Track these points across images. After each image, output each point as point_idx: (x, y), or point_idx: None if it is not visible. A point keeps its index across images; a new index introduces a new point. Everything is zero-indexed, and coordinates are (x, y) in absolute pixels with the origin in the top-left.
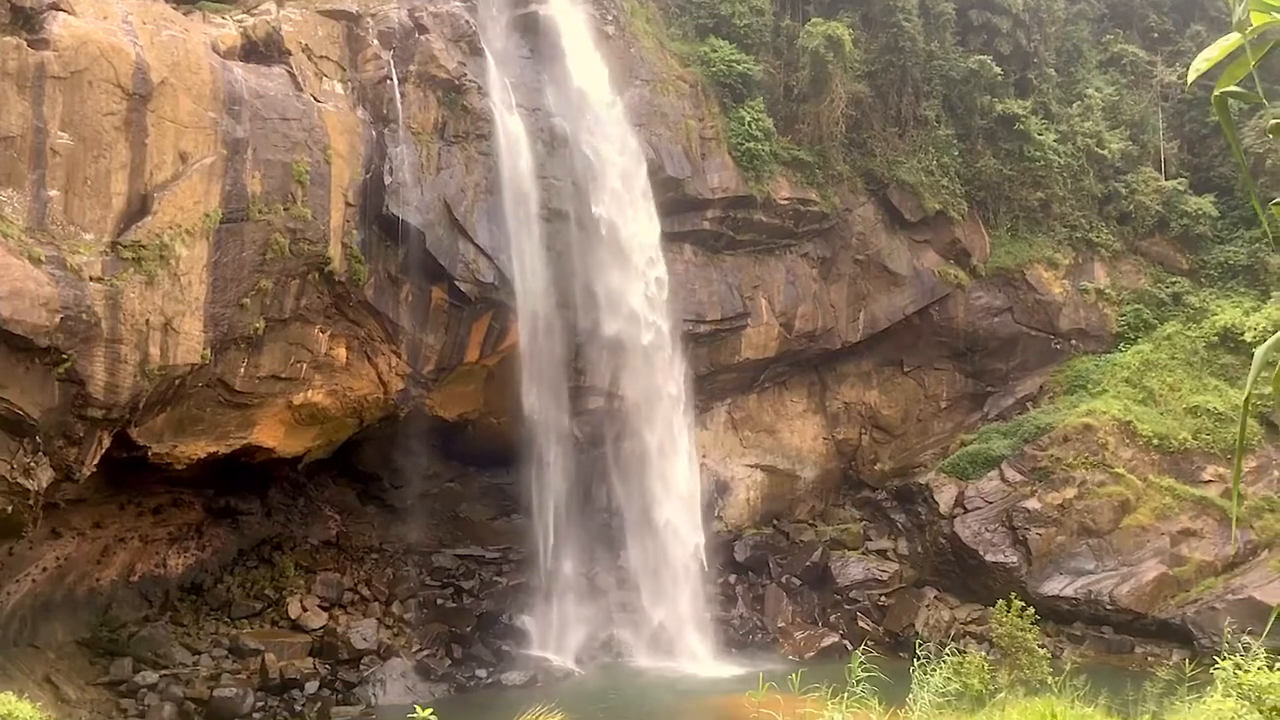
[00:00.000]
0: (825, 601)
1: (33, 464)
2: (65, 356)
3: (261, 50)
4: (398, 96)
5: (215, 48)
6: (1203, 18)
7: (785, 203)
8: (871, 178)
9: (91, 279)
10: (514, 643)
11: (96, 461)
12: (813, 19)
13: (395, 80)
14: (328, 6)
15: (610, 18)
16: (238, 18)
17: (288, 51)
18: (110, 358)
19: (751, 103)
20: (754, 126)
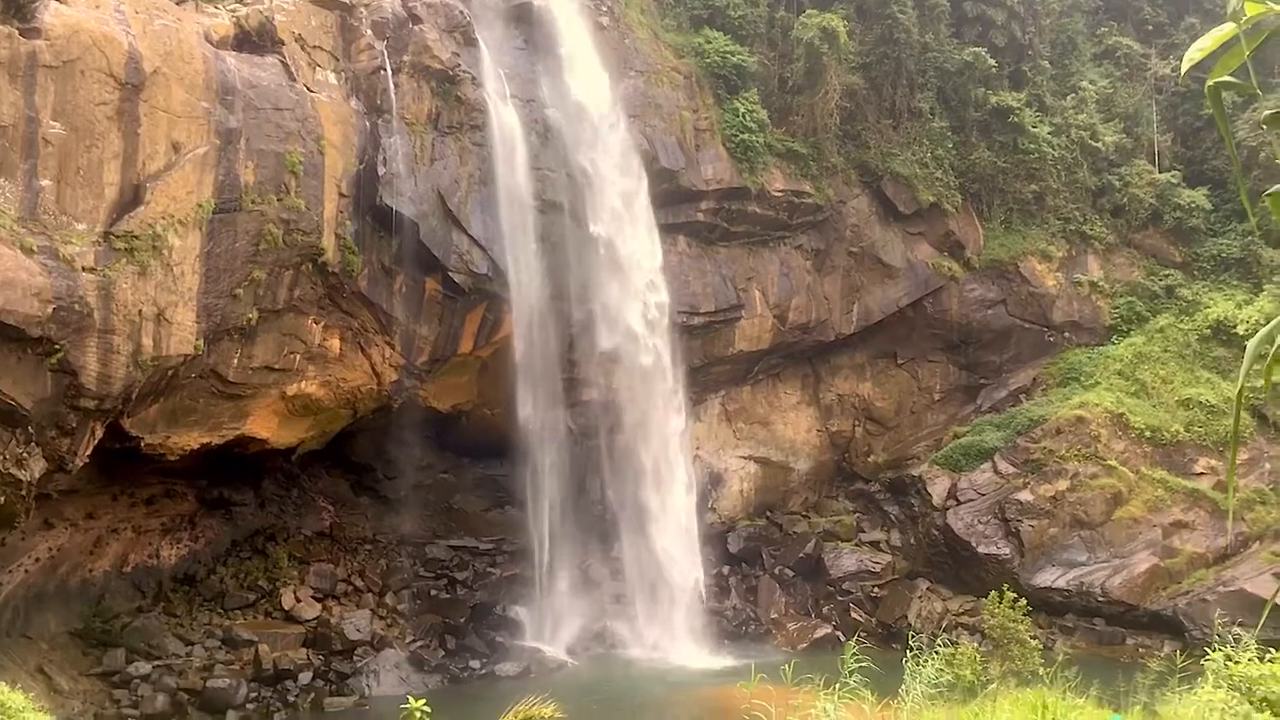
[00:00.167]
0: (818, 593)
1: (25, 454)
2: (58, 347)
3: (254, 40)
4: (391, 87)
5: (208, 37)
6: (1197, 10)
7: (779, 194)
8: (866, 170)
9: (84, 269)
10: (507, 634)
11: (89, 452)
12: (807, 10)
13: (389, 71)
14: None
15: (605, 8)
16: (230, 7)
17: (281, 41)
18: (103, 348)
19: (746, 94)
20: (748, 118)
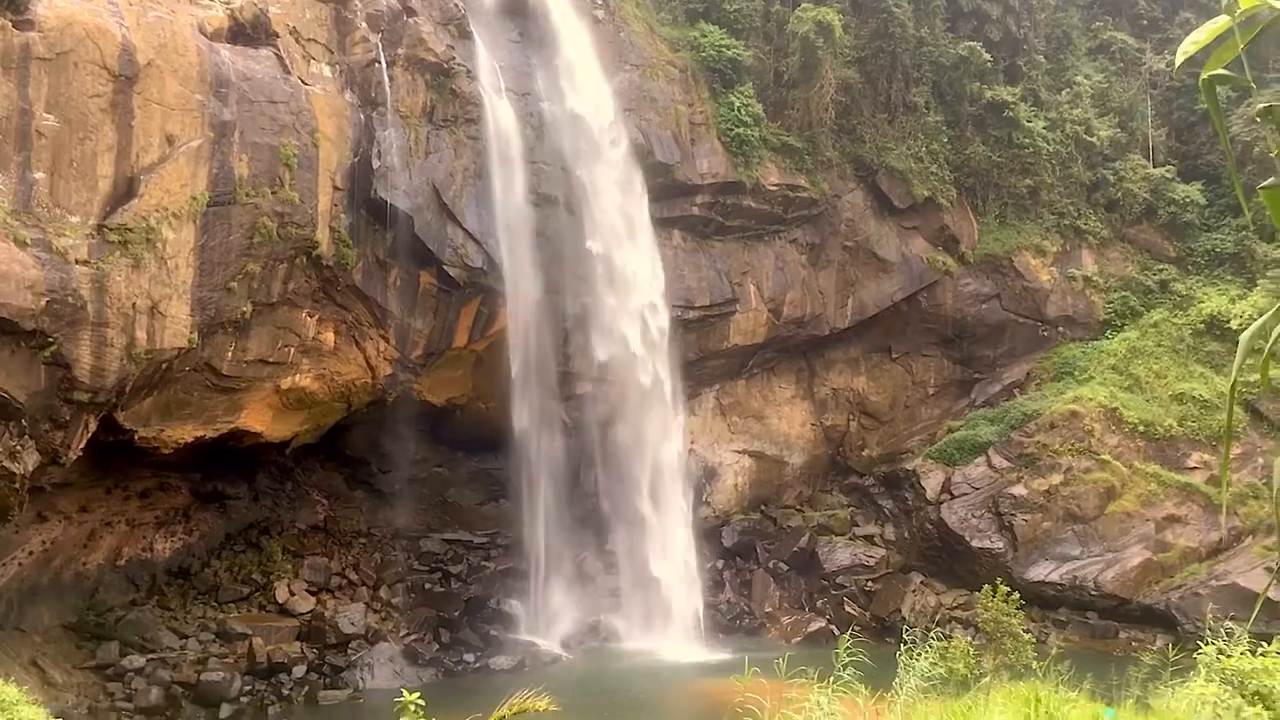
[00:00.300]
0: (812, 587)
1: (19, 448)
2: (51, 340)
3: (249, 32)
4: (386, 80)
5: (202, 29)
6: (1192, 5)
7: (774, 189)
8: (861, 164)
9: (77, 262)
10: (501, 627)
11: (83, 445)
12: (802, 4)
13: (383, 63)
14: None
15: (600, 1)
16: None
17: (275, 34)
18: (96, 341)
19: (741, 88)
20: (743, 112)
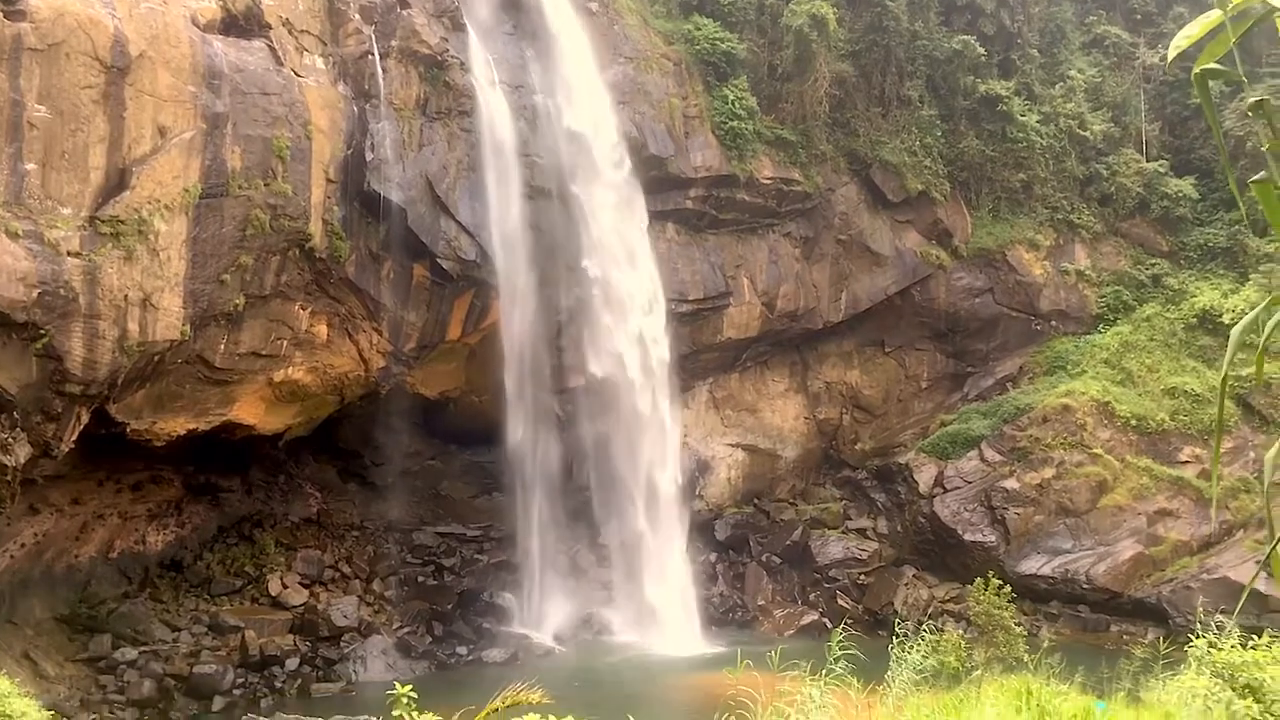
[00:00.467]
0: (805, 580)
1: (10, 440)
2: (43, 332)
3: (241, 24)
4: (379, 72)
5: (195, 21)
6: None
7: (768, 182)
8: (854, 158)
9: (69, 254)
10: (495, 620)
11: (75, 438)
12: None
13: (377, 55)
14: None
15: None
16: None
17: (268, 25)
18: (88, 333)
19: (735, 81)
20: (737, 105)
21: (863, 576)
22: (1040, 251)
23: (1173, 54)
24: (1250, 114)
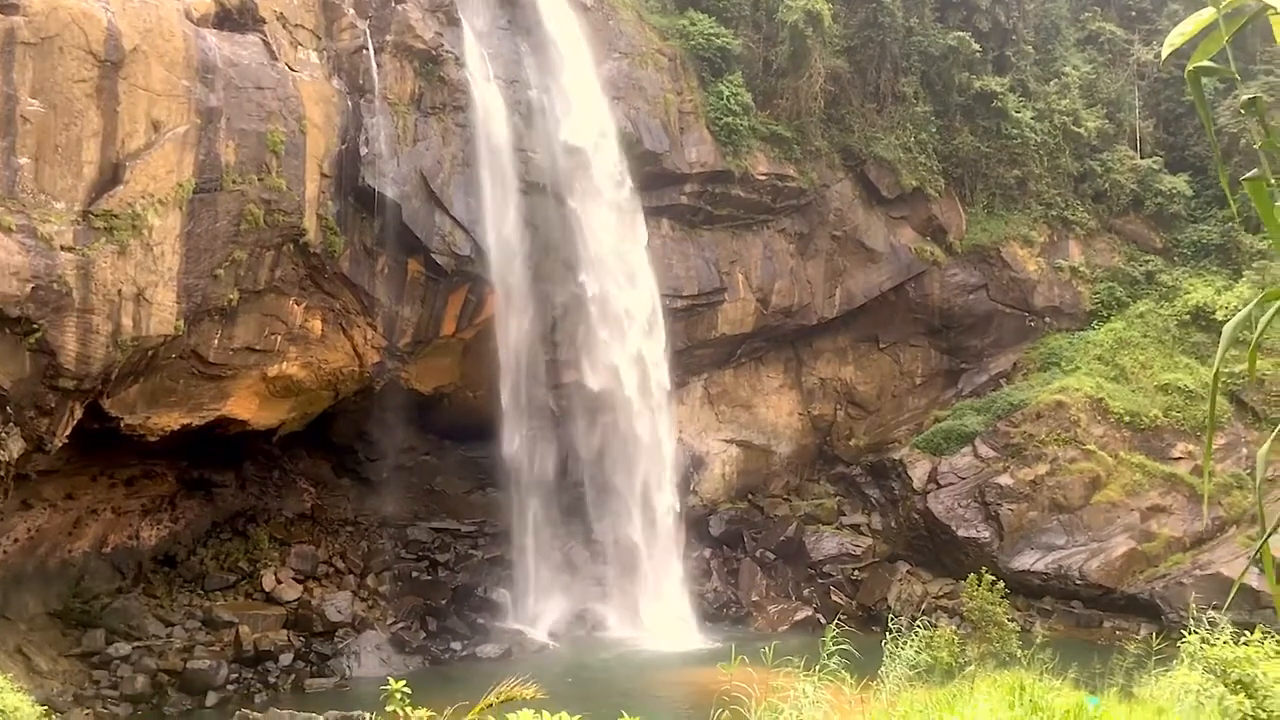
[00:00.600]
0: (799, 575)
1: (4, 434)
2: (36, 326)
3: (235, 18)
4: (374, 66)
5: (188, 15)
6: None
7: (763, 178)
8: (849, 154)
9: (63, 248)
10: (489, 616)
11: (68, 432)
12: None
13: (371, 50)
14: None
15: None
16: None
17: (262, 19)
18: (82, 328)
19: (730, 77)
20: (732, 101)
21: (857, 572)
22: (1034, 248)
23: (1167, 51)
24: (1243, 111)
